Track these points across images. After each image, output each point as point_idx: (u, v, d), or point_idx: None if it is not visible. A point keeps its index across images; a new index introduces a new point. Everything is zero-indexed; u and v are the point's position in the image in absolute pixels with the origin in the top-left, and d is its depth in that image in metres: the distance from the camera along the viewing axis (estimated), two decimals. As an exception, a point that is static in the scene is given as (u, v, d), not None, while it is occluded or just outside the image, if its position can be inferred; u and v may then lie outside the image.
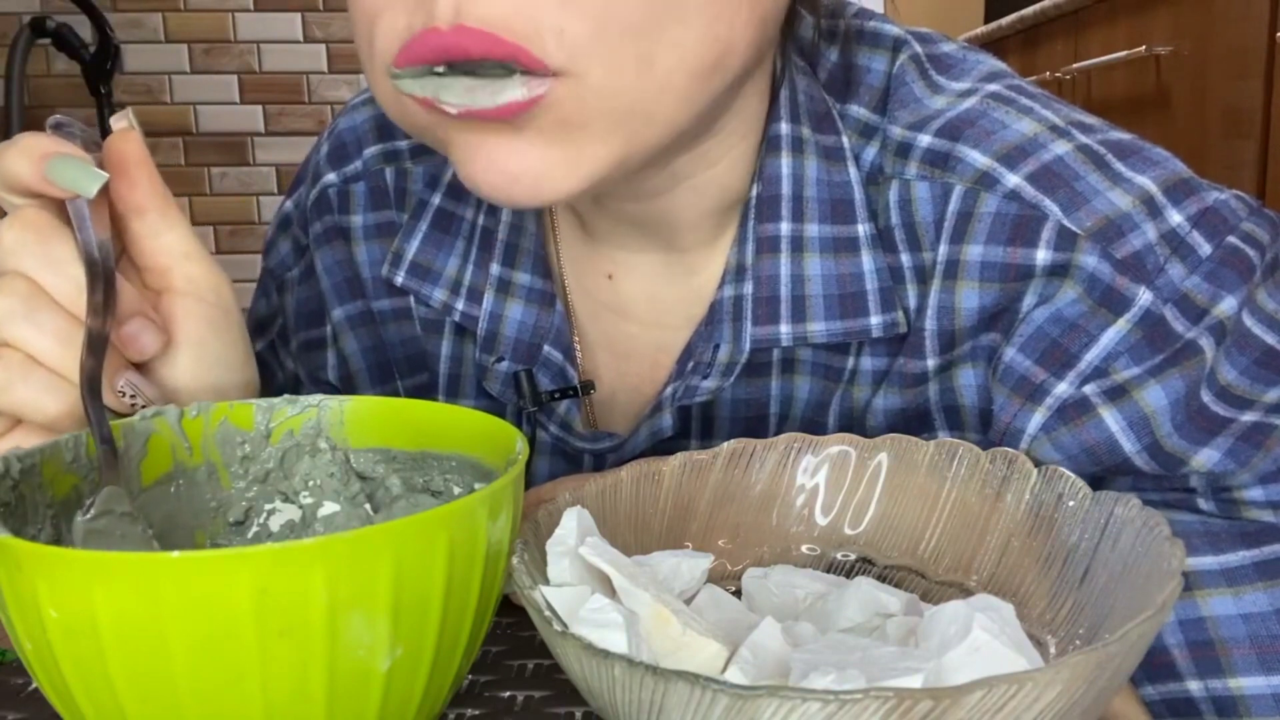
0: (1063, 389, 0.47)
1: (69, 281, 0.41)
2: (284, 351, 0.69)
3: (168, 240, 0.46)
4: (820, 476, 0.44)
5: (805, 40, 0.55)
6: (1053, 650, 0.36)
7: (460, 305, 0.59)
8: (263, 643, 0.29)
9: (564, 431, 0.58)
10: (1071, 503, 0.38)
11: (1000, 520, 0.40)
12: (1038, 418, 0.48)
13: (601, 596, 0.33)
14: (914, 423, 0.53)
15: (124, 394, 0.43)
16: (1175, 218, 0.46)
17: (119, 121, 0.45)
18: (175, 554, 0.27)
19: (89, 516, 0.37)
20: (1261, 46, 1.42)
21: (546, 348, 0.57)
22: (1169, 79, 1.67)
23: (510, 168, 0.41)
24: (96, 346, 0.40)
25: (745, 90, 0.49)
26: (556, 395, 0.57)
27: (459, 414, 0.42)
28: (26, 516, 0.36)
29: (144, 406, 0.43)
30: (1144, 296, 0.46)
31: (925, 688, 0.25)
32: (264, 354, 0.70)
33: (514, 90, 0.38)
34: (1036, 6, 2.08)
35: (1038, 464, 0.40)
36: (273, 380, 0.71)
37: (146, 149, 0.45)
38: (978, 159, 0.49)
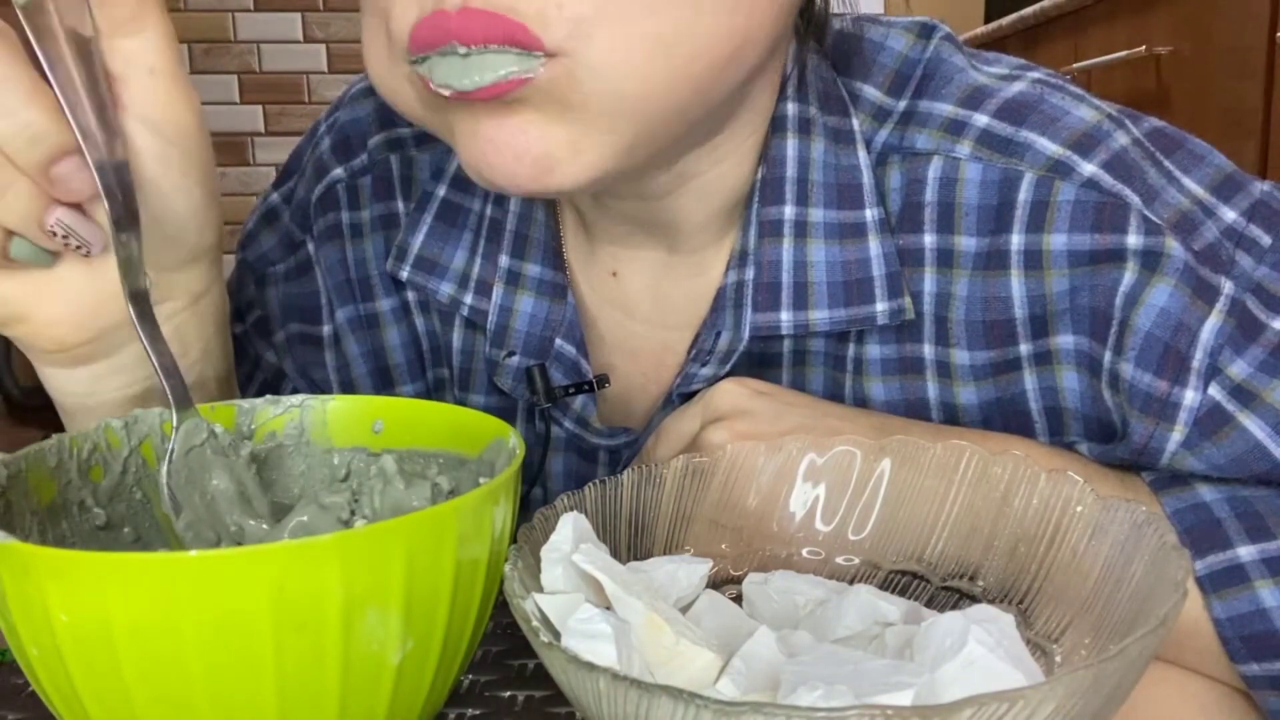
0: (1190, 398, 0.46)
1: (19, 128, 0.37)
2: (263, 342, 0.66)
3: (130, 45, 0.40)
4: (824, 480, 0.43)
5: (816, 15, 0.53)
6: (1058, 660, 0.35)
7: (469, 299, 0.58)
8: (279, 638, 0.29)
9: (580, 427, 0.57)
10: (1080, 508, 0.37)
11: (1007, 525, 0.39)
12: (1176, 436, 0.46)
13: (590, 606, 0.33)
14: (1012, 422, 0.51)
15: (55, 233, 0.40)
16: (1230, 214, 0.46)
17: None
18: (193, 553, 0.28)
19: (173, 460, 0.36)
20: (1261, 46, 1.42)
21: (558, 341, 0.56)
22: (1169, 79, 1.67)
23: (512, 145, 0.40)
24: (130, 252, 0.36)
25: (758, 83, 0.48)
26: (571, 390, 0.56)
27: (443, 410, 0.43)
28: (14, 523, 0.36)
29: (79, 248, 0.41)
30: (1227, 286, 0.45)
31: (913, 706, 0.25)
32: (240, 339, 0.67)
33: (498, 71, 0.38)
34: (1036, 6, 2.08)
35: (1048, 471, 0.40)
36: (258, 364, 0.67)
37: None
38: (1048, 146, 0.47)
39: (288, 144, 2.83)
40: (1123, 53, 1.72)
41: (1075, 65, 1.89)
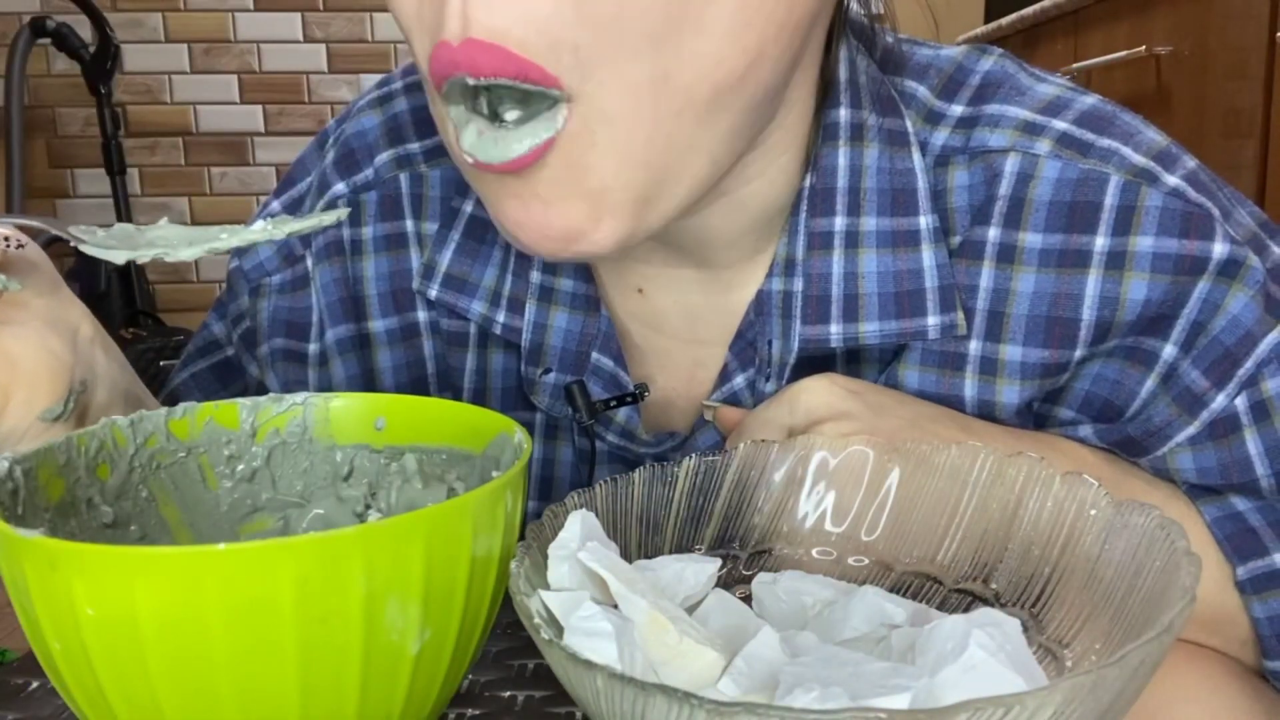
0: (1220, 402, 0.47)
1: None
2: (247, 355, 0.65)
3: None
4: (837, 480, 0.43)
5: (858, 19, 0.52)
6: (1069, 665, 0.35)
7: (501, 317, 0.56)
8: (302, 630, 0.29)
9: (625, 439, 0.56)
10: (1094, 511, 0.37)
11: (1021, 528, 0.39)
12: (1190, 430, 0.48)
13: (592, 604, 0.33)
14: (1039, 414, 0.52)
15: None
16: (1278, 250, 0.48)
17: None
18: (220, 546, 0.28)
19: None
20: (1261, 46, 1.42)
21: (595, 355, 0.56)
22: (1169, 79, 1.67)
23: (536, 226, 0.41)
24: None
25: (787, 96, 0.47)
26: (613, 403, 0.55)
27: (446, 407, 0.43)
28: (28, 521, 0.36)
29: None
30: None
31: (906, 709, 0.25)
32: (238, 353, 0.67)
33: (520, 144, 0.38)
34: (1036, 6, 2.07)
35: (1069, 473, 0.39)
36: (249, 382, 0.67)
37: None
38: (1132, 155, 0.48)
39: (288, 144, 2.83)
40: (1123, 53, 1.72)
41: (1075, 65, 1.89)
